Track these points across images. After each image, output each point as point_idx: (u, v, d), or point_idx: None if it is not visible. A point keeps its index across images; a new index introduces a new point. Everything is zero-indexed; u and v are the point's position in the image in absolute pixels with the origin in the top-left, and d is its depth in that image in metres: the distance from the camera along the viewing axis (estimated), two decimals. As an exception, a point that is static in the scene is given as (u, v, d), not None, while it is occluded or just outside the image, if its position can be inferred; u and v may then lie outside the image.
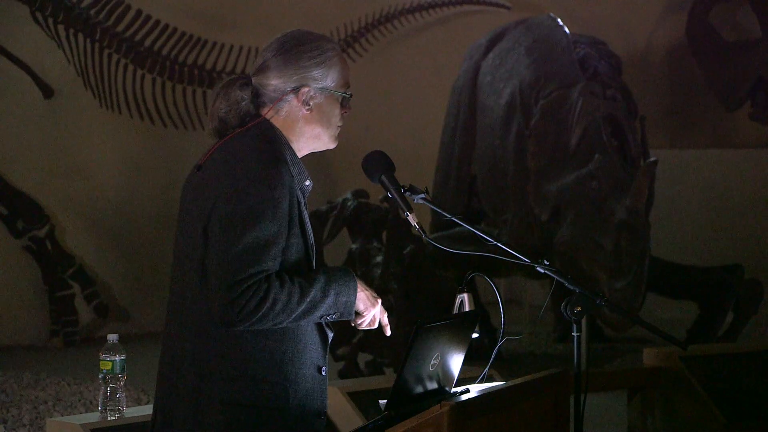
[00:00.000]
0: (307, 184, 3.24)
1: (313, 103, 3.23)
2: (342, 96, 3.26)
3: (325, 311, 3.14)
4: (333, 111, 3.26)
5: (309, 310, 3.10)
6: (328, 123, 3.26)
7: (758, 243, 10.66)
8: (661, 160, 7.77)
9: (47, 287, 9.70)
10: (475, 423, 3.05)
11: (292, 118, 3.23)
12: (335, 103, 3.26)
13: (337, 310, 3.15)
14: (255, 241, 3.03)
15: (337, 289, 3.15)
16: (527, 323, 9.96)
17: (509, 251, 3.36)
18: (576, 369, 3.30)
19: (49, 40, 9.62)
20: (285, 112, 3.23)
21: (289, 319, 3.08)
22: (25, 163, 9.79)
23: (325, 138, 3.27)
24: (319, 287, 3.11)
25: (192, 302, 3.13)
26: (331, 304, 3.13)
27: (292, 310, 3.07)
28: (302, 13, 10.84)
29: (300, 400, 3.15)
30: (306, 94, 3.22)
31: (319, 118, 3.24)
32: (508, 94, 8.48)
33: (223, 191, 3.08)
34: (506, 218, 8.33)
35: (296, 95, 3.22)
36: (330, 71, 3.24)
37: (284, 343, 3.13)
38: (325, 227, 7.94)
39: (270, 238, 3.05)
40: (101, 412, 4.13)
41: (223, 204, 3.07)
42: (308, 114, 3.23)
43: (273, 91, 3.23)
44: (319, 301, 3.11)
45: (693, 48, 12.34)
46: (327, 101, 3.24)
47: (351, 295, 3.17)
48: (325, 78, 3.23)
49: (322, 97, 3.24)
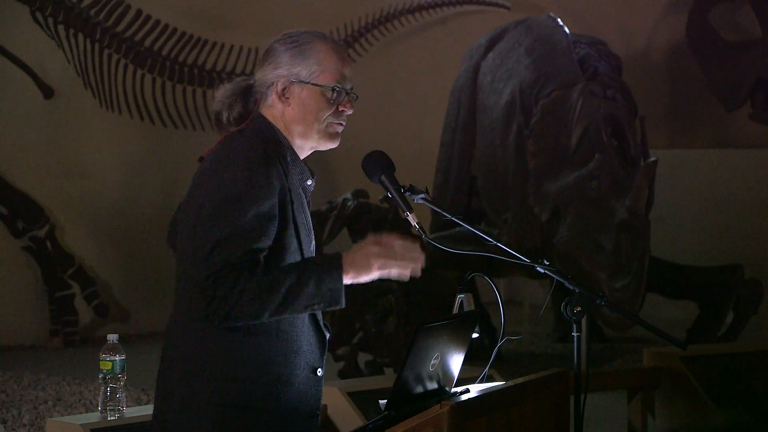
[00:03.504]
0: (309, 184, 3.21)
1: (293, 96, 3.16)
2: (329, 90, 3.16)
3: (308, 301, 3.01)
4: (316, 105, 3.16)
5: (287, 300, 2.99)
6: (311, 118, 3.16)
7: (758, 243, 10.66)
8: (661, 160, 7.77)
9: (47, 287, 9.70)
10: (475, 423, 3.05)
11: (278, 113, 3.18)
12: (319, 97, 3.16)
13: (322, 299, 3.03)
14: (228, 234, 2.98)
15: (319, 276, 3.02)
16: (527, 323, 9.96)
17: (509, 251, 3.35)
18: (576, 369, 3.30)
19: (49, 40, 9.62)
20: (271, 107, 3.19)
21: (266, 312, 2.98)
22: (25, 163, 9.79)
23: (313, 135, 3.18)
24: (295, 275, 3.00)
25: (184, 300, 3.11)
26: (313, 292, 3.01)
27: (266, 301, 2.97)
28: (302, 13, 10.84)
29: (292, 401, 3.11)
30: (280, 86, 3.16)
31: (301, 112, 3.17)
32: (508, 94, 8.48)
33: (208, 190, 3.06)
34: (506, 218, 8.33)
35: (274, 88, 3.17)
36: (306, 62, 3.15)
37: (277, 343, 3.08)
38: (325, 227, 7.94)
39: (245, 233, 2.99)
40: (101, 412, 4.12)
41: (207, 202, 3.04)
42: (289, 109, 3.17)
43: (259, 84, 3.20)
44: (297, 291, 2.99)
45: (693, 48, 12.33)
46: (308, 94, 3.16)
47: (336, 281, 3.03)
48: (300, 69, 3.15)
49: (301, 89, 3.16)
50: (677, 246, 10.20)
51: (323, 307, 3.07)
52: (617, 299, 7.23)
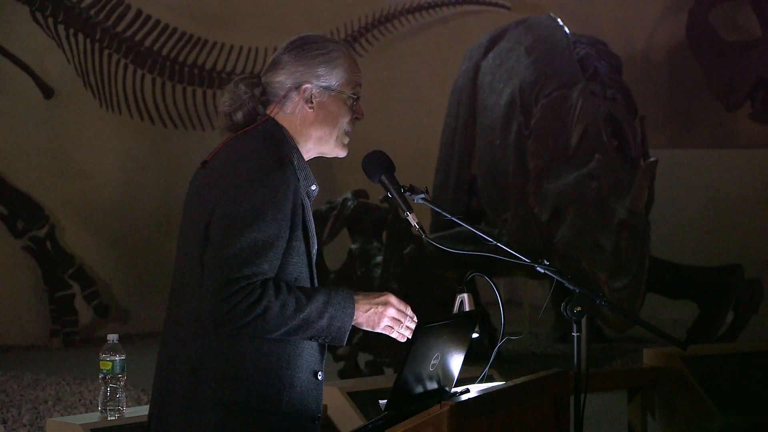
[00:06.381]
0: (313, 189, 3.22)
1: (316, 102, 3.20)
2: (349, 97, 3.22)
3: (316, 333, 3.08)
4: (339, 112, 3.21)
5: (300, 327, 3.05)
6: (333, 124, 3.21)
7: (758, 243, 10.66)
8: (661, 160, 7.76)
9: (47, 287, 9.70)
10: (475, 423, 3.04)
11: (297, 117, 3.20)
12: (342, 105, 3.22)
13: (328, 335, 3.10)
14: (252, 242, 3.00)
15: (333, 314, 3.09)
16: (527, 323, 9.96)
17: (509, 251, 3.35)
18: (576, 369, 3.30)
19: (49, 40, 9.62)
20: (289, 111, 3.20)
21: (278, 332, 3.03)
22: (25, 163, 9.80)
23: (330, 141, 3.23)
24: (315, 307, 3.06)
25: (189, 300, 3.11)
26: (324, 327, 3.08)
27: (284, 323, 3.02)
28: (302, 13, 10.84)
29: (294, 404, 3.12)
30: (308, 91, 3.19)
31: (324, 118, 3.21)
32: (508, 94, 8.48)
33: (224, 191, 3.07)
34: (506, 218, 8.33)
35: (298, 92, 3.20)
36: (335, 71, 3.20)
37: (280, 346, 3.09)
38: (325, 227, 7.93)
39: (268, 240, 3.02)
40: (101, 412, 4.12)
41: (224, 204, 3.05)
42: (312, 113, 3.20)
43: (278, 87, 3.21)
44: (313, 322, 3.06)
45: (693, 48, 12.34)
46: (332, 101, 3.21)
47: (346, 322, 3.11)
48: (328, 77, 3.20)
49: (326, 96, 3.20)
50: (677, 246, 10.19)
51: (327, 342, 3.14)
52: (617, 299, 7.23)
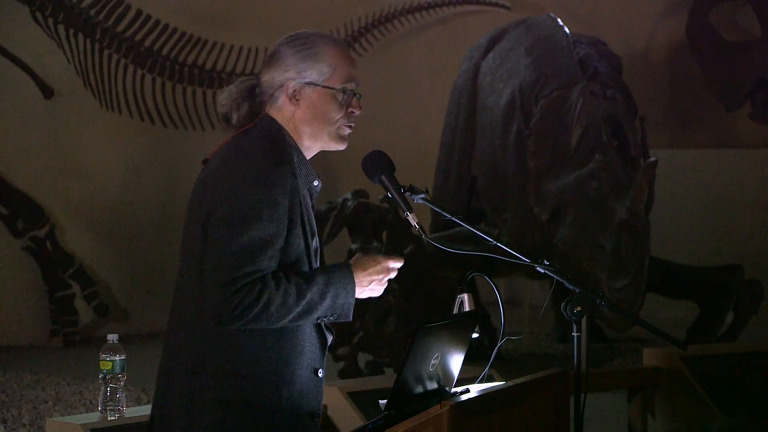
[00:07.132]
0: (315, 185, 3.22)
1: (302, 98, 3.18)
2: (339, 92, 3.19)
3: (322, 314, 3.12)
4: (326, 108, 3.19)
5: (305, 312, 3.08)
6: (322, 120, 3.20)
7: (758, 243, 10.66)
8: (661, 160, 7.76)
9: (47, 287, 9.70)
10: (475, 423, 3.04)
11: (288, 115, 3.20)
12: (330, 100, 3.19)
13: (333, 312, 3.14)
14: (251, 241, 3.02)
15: (335, 292, 3.12)
16: (527, 323, 9.96)
17: (509, 251, 3.35)
18: (576, 369, 3.30)
19: (49, 40, 9.62)
20: (281, 109, 3.20)
21: (284, 320, 3.06)
22: (25, 163, 9.79)
23: (324, 136, 3.21)
24: (317, 289, 3.09)
25: (189, 298, 3.13)
26: (328, 306, 3.12)
27: (288, 311, 3.05)
28: (302, 13, 10.84)
29: (294, 401, 3.13)
30: (290, 89, 3.18)
31: (312, 114, 3.19)
32: (508, 94, 8.47)
33: (222, 190, 3.08)
34: (506, 218, 8.33)
35: (284, 91, 3.19)
36: (317, 65, 3.17)
37: (281, 343, 3.11)
38: (325, 227, 7.94)
39: (267, 238, 3.04)
40: (101, 412, 4.12)
41: (222, 203, 3.06)
42: (299, 111, 3.19)
43: (268, 85, 3.21)
44: (316, 304, 3.09)
45: (693, 48, 12.34)
46: (318, 97, 3.19)
47: (349, 297, 3.15)
48: (311, 72, 3.17)
49: (311, 91, 3.18)
50: (677, 246, 10.19)
51: (332, 320, 3.17)
52: (617, 299, 7.23)
